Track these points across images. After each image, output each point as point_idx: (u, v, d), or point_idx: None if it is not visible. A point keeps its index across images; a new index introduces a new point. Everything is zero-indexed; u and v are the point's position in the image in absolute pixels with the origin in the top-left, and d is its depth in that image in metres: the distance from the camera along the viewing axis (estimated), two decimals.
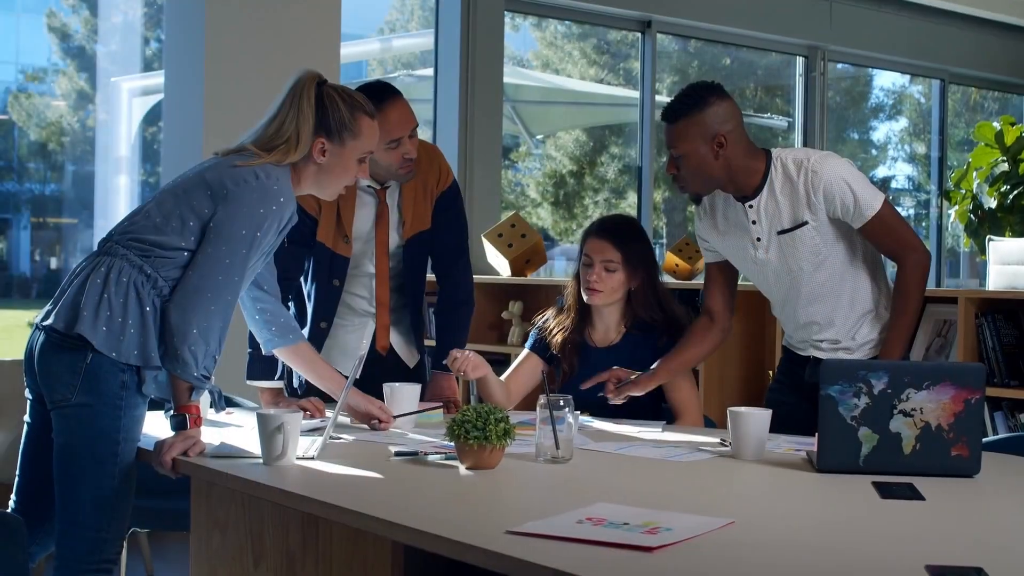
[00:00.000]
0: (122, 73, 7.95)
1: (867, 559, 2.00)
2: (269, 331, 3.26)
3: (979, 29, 9.65)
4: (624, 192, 9.74)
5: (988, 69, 9.97)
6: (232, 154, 3.01)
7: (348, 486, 2.58)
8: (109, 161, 7.84)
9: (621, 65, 9.70)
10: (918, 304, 3.35)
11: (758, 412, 2.94)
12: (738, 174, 3.35)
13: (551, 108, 10.05)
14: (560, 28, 9.84)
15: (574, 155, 10.23)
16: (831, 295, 3.39)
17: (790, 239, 3.35)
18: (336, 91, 3.07)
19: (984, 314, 4.57)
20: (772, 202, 3.35)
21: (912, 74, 10.15)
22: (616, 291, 3.67)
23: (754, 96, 10.40)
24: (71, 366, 2.85)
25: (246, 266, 2.93)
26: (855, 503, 2.44)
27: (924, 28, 9.32)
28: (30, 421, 3.04)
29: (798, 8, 8.34)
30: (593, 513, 2.23)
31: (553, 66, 10.13)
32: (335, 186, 3.12)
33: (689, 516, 2.23)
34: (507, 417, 2.73)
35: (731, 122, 3.31)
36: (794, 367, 3.56)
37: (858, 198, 3.28)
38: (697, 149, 3.30)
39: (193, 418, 2.87)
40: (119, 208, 7.68)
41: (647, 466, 2.86)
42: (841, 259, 3.37)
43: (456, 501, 2.47)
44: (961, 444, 2.70)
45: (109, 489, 2.87)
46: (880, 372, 2.71)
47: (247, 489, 2.68)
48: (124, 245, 2.93)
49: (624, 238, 3.67)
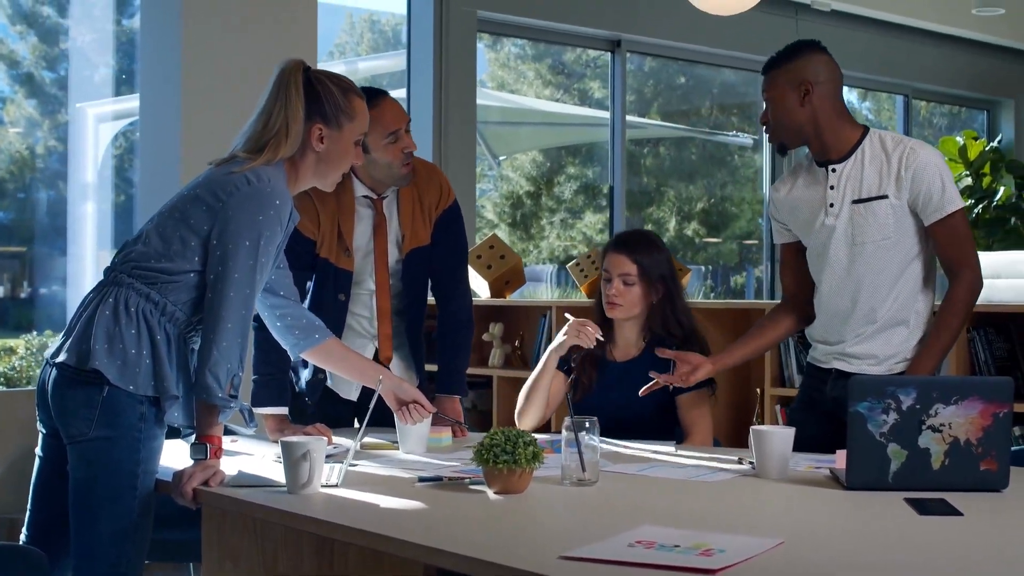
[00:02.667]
0: (81, 99, 7.87)
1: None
2: (293, 336, 3.23)
3: (941, 45, 9.76)
4: (581, 212, 9.73)
5: (949, 84, 10.09)
6: (224, 163, 2.95)
7: (379, 513, 2.54)
8: (76, 187, 7.75)
9: (576, 85, 9.71)
10: (962, 324, 3.35)
11: (781, 430, 2.93)
12: (825, 131, 3.37)
13: (514, 128, 10.04)
14: (514, 49, 9.84)
15: (531, 176, 10.22)
16: (883, 285, 3.35)
17: (864, 209, 3.34)
18: (324, 75, 3.02)
19: (976, 328, 4.59)
20: (858, 169, 3.35)
21: (877, 90, 10.24)
22: (635, 305, 3.68)
23: (709, 114, 10.45)
24: (87, 400, 2.79)
25: (255, 277, 2.86)
26: (895, 520, 2.43)
27: (888, 44, 9.41)
28: (42, 455, 2.98)
29: (766, 26, 8.39)
30: (642, 536, 2.21)
31: (509, 87, 10.13)
32: (336, 173, 3.06)
33: (738, 537, 2.21)
34: (535, 440, 2.71)
35: (822, 75, 3.37)
36: (816, 382, 3.54)
37: (945, 190, 3.28)
38: (784, 95, 3.38)
39: (214, 448, 2.82)
40: (86, 235, 7.60)
41: (675, 487, 2.84)
42: (904, 250, 3.34)
43: (495, 526, 2.44)
44: (990, 458, 2.70)
45: (127, 522, 2.81)
46: (909, 388, 2.70)
47: (276, 519, 2.63)
48: (128, 274, 2.88)
49: (640, 251, 3.69)
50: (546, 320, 5.93)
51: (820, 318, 3.53)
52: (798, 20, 8.78)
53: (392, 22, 9.01)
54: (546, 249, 9.28)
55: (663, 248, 3.76)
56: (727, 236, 10.39)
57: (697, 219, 10.15)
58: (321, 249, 3.61)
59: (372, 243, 3.67)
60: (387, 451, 3.37)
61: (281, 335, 3.25)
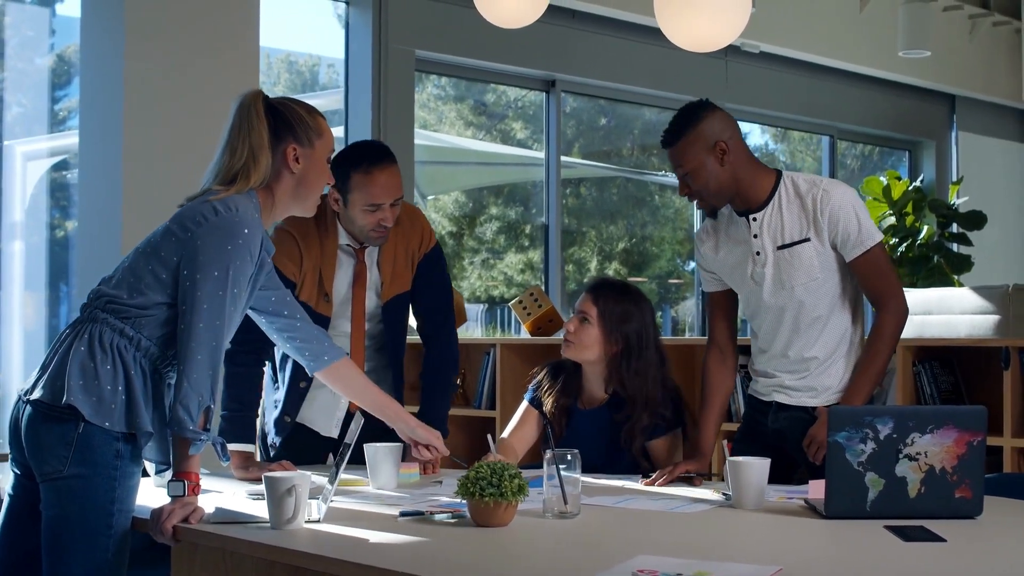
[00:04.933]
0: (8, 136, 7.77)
1: None
2: (304, 358, 3.23)
3: (867, 87, 9.97)
4: (503, 253, 9.75)
5: (873, 125, 10.30)
6: (196, 198, 2.92)
7: (368, 547, 2.52)
8: (6, 227, 7.64)
9: (498, 126, 9.76)
10: (889, 353, 3.41)
11: (758, 461, 2.96)
12: (744, 183, 3.40)
13: (439, 168, 10.05)
14: (434, 90, 9.88)
15: (453, 216, 10.24)
16: (817, 325, 3.43)
17: (789, 255, 3.39)
18: (285, 99, 3.01)
19: (921, 362, 4.68)
20: (777, 216, 3.40)
21: (803, 130, 10.42)
22: (590, 347, 3.65)
23: (631, 155, 10.55)
24: (62, 437, 2.74)
25: (224, 308, 2.81)
26: (881, 547, 2.47)
27: (815, 85, 9.59)
28: (12, 494, 2.92)
29: (696, 66, 8.51)
30: (642, 565, 2.22)
31: (432, 126, 10.17)
32: (314, 194, 3.03)
33: (737, 565, 2.24)
34: (520, 473, 2.71)
35: (728, 130, 3.38)
36: (757, 415, 3.60)
37: (862, 227, 3.35)
38: (702, 162, 3.35)
39: (192, 485, 2.78)
40: (13, 274, 7.48)
41: (656, 518, 2.85)
42: (833, 290, 3.41)
43: (489, 558, 2.44)
44: (964, 486, 2.75)
45: (102, 562, 2.76)
46: (886, 417, 2.75)
47: (263, 554, 2.59)
48: (103, 309, 2.84)
49: (606, 296, 3.66)
50: (490, 357, 5.94)
51: (758, 358, 3.60)
52: (727, 61, 8.93)
53: (309, 62, 8.99)
54: (467, 289, 9.27)
55: (639, 305, 3.68)
56: (648, 275, 10.47)
57: (619, 259, 10.21)
58: (301, 292, 3.59)
59: (351, 291, 3.67)
60: (359, 487, 3.36)
61: (296, 356, 3.27)
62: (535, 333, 5.95)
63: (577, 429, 3.70)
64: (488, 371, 5.95)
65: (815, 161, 10.66)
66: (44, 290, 6.98)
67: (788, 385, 3.50)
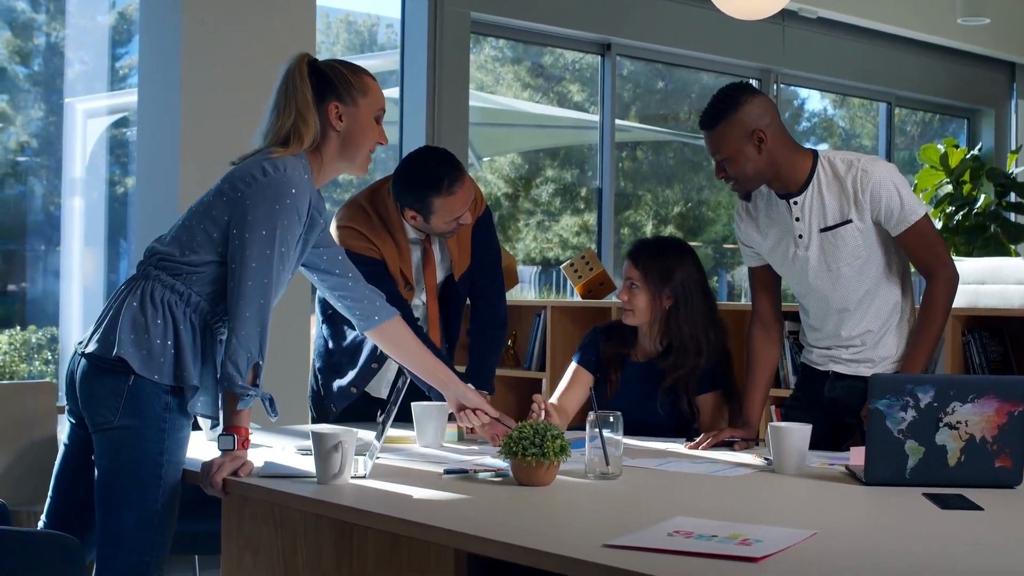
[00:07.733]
0: (70, 95, 7.87)
1: (967, 570, 2.06)
2: (355, 316, 3.28)
3: (925, 53, 9.86)
4: (558, 215, 9.77)
5: (932, 92, 10.19)
6: (248, 159, 2.97)
7: (411, 502, 2.58)
8: (66, 183, 7.76)
9: (555, 88, 9.75)
10: (944, 321, 3.41)
11: (799, 427, 2.99)
12: (782, 168, 3.39)
13: (495, 130, 10.07)
14: (492, 52, 9.88)
15: (509, 178, 10.26)
16: (866, 301, 3.44)
17: (832, 237, 3.40)
18: (330, 60, 3.05)
19: (970, 331, 4.67)
20: (818, 199, 3.40)
21: (861, 96, 10.33)
22: (645, 310, 3.70)
23: (688, 119, 10.51)
24: (113, 389, 2.82)
25: (273, 266, 2.87)
26: (918, 514, 2.49)
27: (873, 51, 9.50)
28: (68, 443, 3.01)
29: (753, 32, 8.47)
30: (678, 527, 2.25)
31: (488, 88, 10.17)
32: (362, 152, 3.04)
33: (772, 528, 2.26)
34: (562, 433, 2.76)
35: (767, 116, 3.36)
36: (812, 383, 3.61)
37: (904, 203, 3.34)
38: (740, 149, 3.34)
39: (242, 439, 2.85)
40: (73, 230, 7.60)
41: (697, 482, 2.89)
42: (879, 265, 3.42)
43: (530, 515, 2.49)
44: (1004, 456, 2.77)
45: (152, 512, 2.84)
46: (927, 386, 2.76)
47: (309, 508, 2.67)
48: (156, 266, 2.92)
49: (643, 257, 3.71)
50: (540, 319, 5.98)
51: (811, 334, 3.62)
52: (784, 27, 8.86)
53: (368, 23, 9.02)
54: (522, 251, 9.30)
55: (680, 256, 3.73)
56: (704, 240, 10.45)
57: (674, 223, 10.20)
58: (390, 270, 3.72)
59: (422, 276, 3.78)
60: (406, 444, 3.42)
61: (346, 314, 3.31)
62: (586, 296, 5.97)
63: (628, 382, 3.75)
64: (539, 333, 5.98)
65: (875, 127, 10.57)
66: (103, 246, 7.09)
67: (845, 358, 3.52)
